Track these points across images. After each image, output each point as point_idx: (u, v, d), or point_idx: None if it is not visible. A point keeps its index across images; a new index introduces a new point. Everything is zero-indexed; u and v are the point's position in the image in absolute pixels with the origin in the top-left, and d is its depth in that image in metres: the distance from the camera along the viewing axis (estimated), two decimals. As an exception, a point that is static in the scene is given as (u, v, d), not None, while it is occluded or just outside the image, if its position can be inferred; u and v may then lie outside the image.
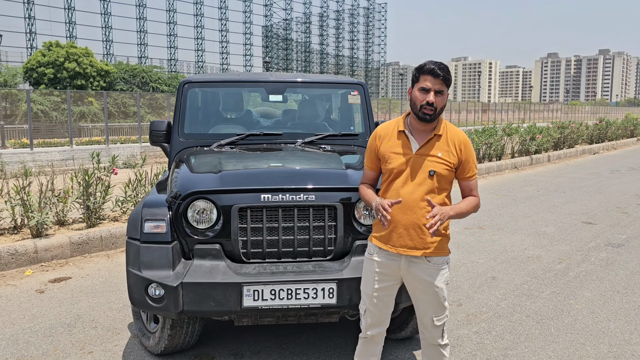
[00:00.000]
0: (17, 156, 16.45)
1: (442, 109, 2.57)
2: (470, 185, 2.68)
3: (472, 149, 2.66)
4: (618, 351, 3.62)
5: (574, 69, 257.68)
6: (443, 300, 2.67)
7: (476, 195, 2.69)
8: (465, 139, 2.64)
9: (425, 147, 2.59)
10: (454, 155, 2.59)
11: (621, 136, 24.43)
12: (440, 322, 2.70)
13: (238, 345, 3.65)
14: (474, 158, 2.69)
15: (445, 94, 2.55)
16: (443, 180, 2.59)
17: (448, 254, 2.67)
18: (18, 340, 3.77)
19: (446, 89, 2.55)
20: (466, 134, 2.70)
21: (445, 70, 2.52)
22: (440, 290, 2.64)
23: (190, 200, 3.08)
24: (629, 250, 6.16)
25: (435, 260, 2.61)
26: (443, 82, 2.52)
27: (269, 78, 4.53)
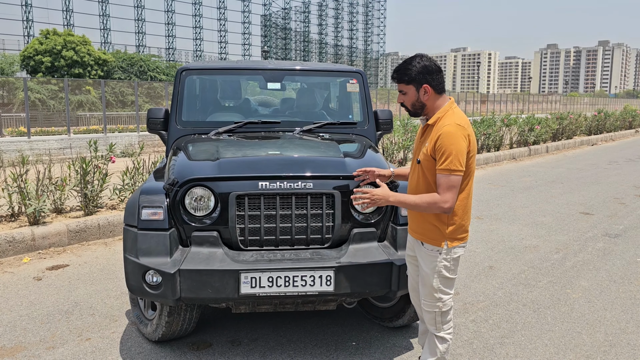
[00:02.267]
0: (15, 144, 16.41)
1: (415, 104, 2.71)
2: (438, 178, 2.57)
3: (447, 141, 2.53)
4: (614, 340, 3.64)
5: (573, 60, 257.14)
6: (430, 288, 2.74)
7: (441, 193, 2.55)
8: (444, 130, 2.56)
9: (423, 137, 2.77)
10: (432, 144, 2.61)
11: (619, 127, 24.43)
12: (428, 308, 2.79)
13: (235, 333, 3.66)
14: (447, 152, 2.52)
15: (407, 91, 2.69)
16: (426, 170, 2.66)
17: (436, 244, 2.68)
18: (16, 327, 3.78)
19: (405, 86, 2.69)
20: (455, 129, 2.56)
21: (398, 70, 2.69)
22: (426, 276, 2.74)
23: (188, 188, 3.08)
24: (625, 240, 6.18)
25: (427, 247, 2.72)
26: (400, 83, 2.70)
27: (267, 66, 4.50)
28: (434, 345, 2.84)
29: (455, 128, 2.55)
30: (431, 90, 2.65)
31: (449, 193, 2.55)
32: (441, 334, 2.81)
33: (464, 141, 2.56)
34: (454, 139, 2.53)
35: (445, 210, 2.57)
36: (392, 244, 3.20)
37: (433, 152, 2.60)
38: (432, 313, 2.79)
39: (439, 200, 2.55)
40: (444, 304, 2.77)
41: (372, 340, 3.59)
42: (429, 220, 2.69)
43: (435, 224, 2.68)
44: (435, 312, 2.78)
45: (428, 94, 2.66)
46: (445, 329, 2.82)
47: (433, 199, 2.57)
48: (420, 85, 2.64)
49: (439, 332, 2.81)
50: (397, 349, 3.47)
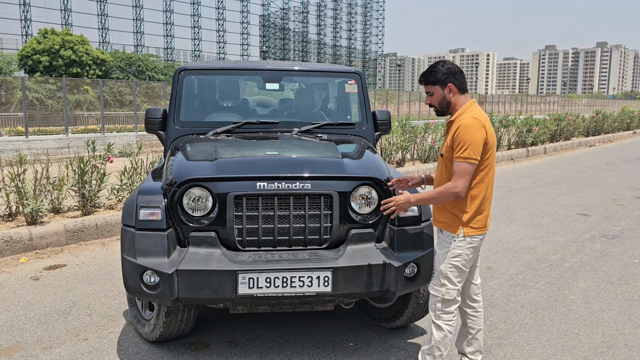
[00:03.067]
0: (12, 144, 16.38)
1: (442, 103, 2.92)
2: (454, 167, 2.78)
3: (464, 132, 2.74)
4: (611, 341, 3.64)
5: (572, 61, 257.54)
6: (439, 272, 2.91)
7: (453, 180, 2.76)
8: (463, 122, 2.77)
9: (447, 133, 2.94)
10: (451, 136, 2.82)
11: (617, 129, 24.48)
12: (433, 291, 2.95)
13: (233, 333, 3.66)
14: (463, 142, 2.73)
15: (434, 92, 2.91)
16: (448, 162, 2.86)
17: (452, 231, 2.86)
18: (13, 326, 3.77)
19: (432, 87, 2.91)
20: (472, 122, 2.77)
21: (425, 74, 2.93)
22: (438, 260, 2.93)
23: (186, 188, 3.07)
24: (623, 241, 6.19)
25: (445, 234, 2.92)
26: (426, 85, 2.93)
27: (265, 66, 4.49)
28: (431, 333, 2.96)
29: (472, 121, 2.77)
30: (455, 88, 2.88)
31: (461, 179, 2.74)
32: (439, 322, 2.92)
33: (479, 133, 2.75)
34: (470, 129, 2.75)
35: (457, 195, 2.75)
36: (390, 244, 3.20)
37: (452, 144, 2.80)
38: (435, 297, 2.93)
39: (450, 187, 2.76)
40: (447, 291, 2.89)
41: (369, 341, 3.59)
42: (448, 209, 2.88)
43: (453, 211, 2.86)
44: (437, 298, 2.92)
45: (453, 92, 2.89)
46: (444, 319, 2.92)
47: (445, 187, 2.78)
48: (445, 84, 2.87)
49: (437, 319, 2.93)
50: (394, 350, 3.47)
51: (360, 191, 3.18)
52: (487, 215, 2.91)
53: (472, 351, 3.15)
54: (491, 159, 2.85)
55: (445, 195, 2.77)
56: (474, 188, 2.83)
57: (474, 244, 2.88)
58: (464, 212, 2.84)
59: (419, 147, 12.29)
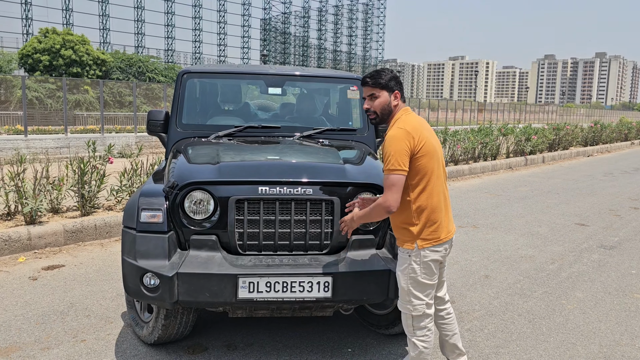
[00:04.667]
0: (11, 142, 16.36)
1: (384, 110, 2.80)
2: (383, 181, 2.71)
3: (387, 143, 2.68)
4: (608, 352, 3.65)
5: (570, 71, 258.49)
6: (402, 290, 2.85)
7: (383, 195, 2.69)
8: (388, 135, 2.71)
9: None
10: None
11: (615, 139, 24.55)
12: (401, 308, 2.89)
13: (231, 337, 3.66)
14: (387, 154, 2.66)
15: (380, 96, 2.79)
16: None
17: (409, 247, 2.78)
18: (10, 327, 3.76)
19: (379, 90, 2.79)
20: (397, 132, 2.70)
21: (374, 75, 2.79)
22: (398, 278, 2.87)
23: (188, 191, 3.08)
24: (621, 252, 6.20)
25: (401, 250, 2.85)
26: (373, 87, 2.79)
27: (268, 71, 4.51)
28: (410, 349, 2.94)
29: (395, 131, 2.70)
30: (399, 96, 2.82)
31: (389, 192, 2.66)
32: (413, 339, 2.88)
33: (403, 142, 2.65)
34: (392, 140, 2.67)
35: (388, 209, 2.67)
36: (390, 251, 3.21)
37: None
38: (405, 315, 2.89)
39: (380, 202, 2.69)
40: (414, 308, 2.83)
41: (367, 347, 3.60)
42: (398, 224, 2.83)
43: (403, 225, 2.80)
44: (407, 315, 2.87)
45: (397, 100, 2.82)
46: (417, 335, 2.86)
47: (376, 202, 2.72)
48: (392, 90, 2.80)
49: (412, 336, 2.89)
50: (392, 357, 3.47)
51: (362, 197, 3.19)
52: (442, 224, 2.79)
53: (454, 356, 3.15)
54: (429, 167, 2.72)
55: (378, 210, 2.69)
56: (418, 199, 2.73)
57: (431, 256, 2.78)
58: (413, 225, 2.76)
59: (418, 154, 12.28)
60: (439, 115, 41.01)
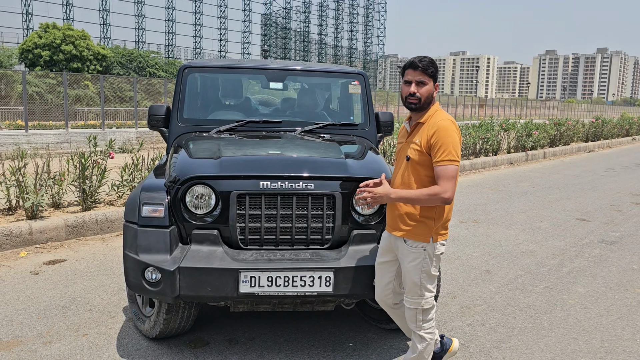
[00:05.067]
0: (12, 137, 16.35)
1: (428, 98, 2.75)
2: (436, 171, 2.66)
3: (444, 134, 2.65)
4: (610, 346, 3.66)
5: (572, 66, 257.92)
6: (413, 284, 2.80)
7: (441, 184, 2.63)
8: (439, 124, 2.68)
9: (411, 135, 2.83)
10: (425, 139, 2.71)
11: (617, 135, 24.51)
12: (410, 304, 2.84)
13: (233, 332, 3.66)
14: (445, 145, 2.63)
15: (428, 84, 2.74)
16: (418, 165, 2.74)
17: (425, 240, 2.75)
18: (12, 321, 3.77)
19: (428, 78, 2.73)
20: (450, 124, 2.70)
21: (425, 61, 2.72)
22: (408, 273, 2.80)
23: (189, 185, 3.07)
24: (622, 247, 6.20)
25: (410, 243, 2.77)
26: (423, 73, 2.72)
27: (269, 65, 4.50)
28: (414, 344, 2.93)
29: (450, 123, 2.70)
30: (437, 89, 2.82)
31: (450, 183, 2.63)
32: (421, 332, 2.88)
33: (456, 135, 2.69)
34: (450, 132, 2.67)
35: (446, 200, 2.64)
36: (391, 246, 3.20)
37: (427, 148, 2.69)
38: (413, 310, 2.84)
39: (439, 191, 2.63)
40: (426, 301, 2.83)
41: (369, 341, 3.60)
42: (417, 216, 2.75)
43: (423, 219, 2.74)
44: (416, 310, 2.84)
45: (436, 92, 2.80)
46: (425, 328, 2.87)
47: (434, 190, 2.64)
48: (436, 81, 2.79)
49: (419, 330, 2.87)
50: (394, 351, 3.47)
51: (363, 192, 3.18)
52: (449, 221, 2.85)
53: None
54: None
55: (433, 198, 2.63)
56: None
57: (441, 250, 2.80)
58: (433, 219, 2.74)
59: (419, 149, 12.27)
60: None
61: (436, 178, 2.66)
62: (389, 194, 2.73)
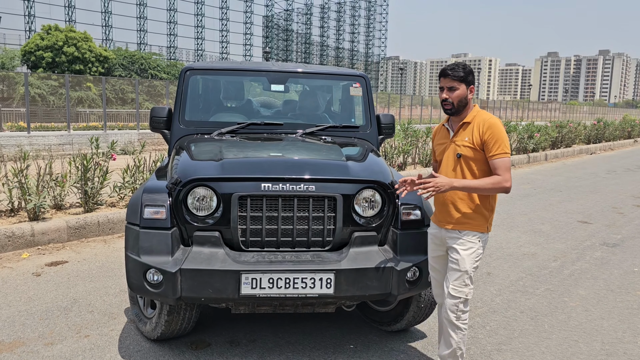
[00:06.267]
0: (14, 139, 16.38)
1: (461, 102, 2.92)
2: (494, 164, 2.83)
3: (497, 130, 2.84)
4: (611, 349, 3.65)
5: (574, 68, 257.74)
6: (464, 273, 2.90)
7: (502, 174, 2.80)
8: (491, 122, 2.87)
9: (456, 135, 2.98)
10: (477, 136, 2.88)
11: (618, 137, 24.50)
12: (456, 293, 2.92)
13: (234, 333, 3.67)
14: (500, 140, 2.82)
15: (458, 89, 2.90)
16: (471, 161, 2.90)
17: (483, 231, 2.92)
18: (14, 322, 3.78)
19: (458, 83, 2.90)
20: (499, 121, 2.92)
21: (455, 68, 2.91)
22: (462, 261, 2.90)
23: (191, 187, 3.08)
24: (623, 250, 6.20)
25: (467, 234, 2.92)
26: (452, 79, 2.89)
27: (271, 67, 4.51)
28: (449, 337, 2.99)
29: (498, 120, 2.92)
30: (473, 92, 2.96)
31: (508, 173, 2.82)
32: (458, 322, 2.96)
33: (505, 132, 2.90)
34: (501, 127, 2.88)
35: (507, 189, 2.82)
36: (392, 248, 3.21)
37: (480, 144, 2.86)
38: (457, 299, 2.93)
39: (502, 180, 2.80)
40: (470, 291, 2.95)
41: (370, 343, 3.60)
42: (477, 208, 2.91)
43: (480, 210, 2.91)
44: (460, 299, 2.93)
45: (471, 95, 2.95)
46: (462, 318, 2.97)
47: (497, 179, 2.81)
48: (469, 84, 2.93)
49: (457, 320, 2.96)
50: (394, 353, 3.48)
51: (364, 194, 3.19)
52: None
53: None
54: None
55: (496, 187, 2.81)
56: None
57: (488, 241, 3.00)
58: (489, 210, 2.94)
59: (421, 151, 12.31)
60: (441, 112, 40.89)
61: (494, 169, 2.84)
62: (452, 182, 2.83)
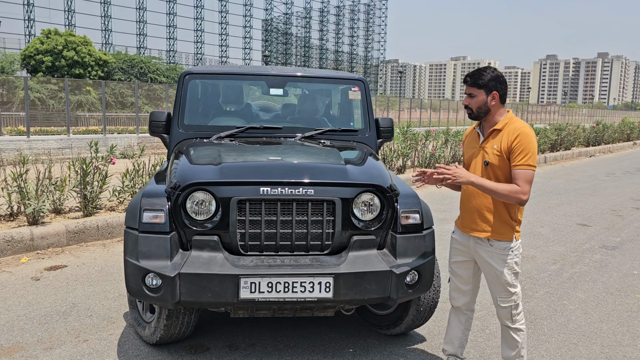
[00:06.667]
0: (14, 143, 16.40)
1: (480, 108, 2.90)
2: (515, 173, 2.79)
3: (526, 141, 2.78)
4: (610, 352, 3.65)
5: (573, 71, 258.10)
6: (505, 284, 2.92)
7: (521, 185, 2.76)
8: (523, 131, 2.81)
9: (485, 141, 2.95)
10: (506, 144, 2.84)
11: (617, 139, 24.53)
12: (505, 303, 2.97)
13: (233, 337, 3.67)
14: (527, 150, 2.77)
15: (477, 96, 2.90)
16: (497, 170, 2.87)
17: (510, 240, 2.90)
18: (13, 326, 3.78)
19: (477, 90, 2.89)
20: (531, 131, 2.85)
21: (473, 75, 2.91)
22: (500, 274, 2.91)
23: (190, 192, 3.08)
24: (622, 252, 6.20)
25: (496, 245, 2.91)
26: (471, 86, 2.91)
27: (270, 71, 4.52)
28: (512, 339, 3.03)
29: (530, 130, 2.85)
30: (498, 97, 2.89)
31: (528, 186, 2.78)
32: (516, 325, 3.01)
33: (536, 142, 2.84)
34: (531, 138, 2.81)
35: (522, 202, 2.78)
36: (391, 252, 3.21)
37: (507, 152, 2.83)
38: (507, 307, 2.97)
39: (519, 191, 2.76)
40: (517, 295, 2.97)
41: (369, 347, 3.60)
42: (502, 218, 2.89)
43: (508, 220, 2.90)
44: (510, 306, 2.97)
45: (495, 101, 2.89)
46: (519, 321, 3.01)
47: (514, 188, 2.77)
48: (490, 91, 2.88)
49: (515, 324, 3.00)
50: (394, 357, 3.47)
51: (363, 198, 3.20)
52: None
53: (462, 351, 3.29)
54: None
55: (512, 195, 2.76)
56: None
57: (521, 247, 2.99)
58: (516, 220, 2.93)
59: (420, 154, 12.32)
60: (440, 115, 41.00)
61: (514, 179, 2.79)
62: (469, 176, 2.82)
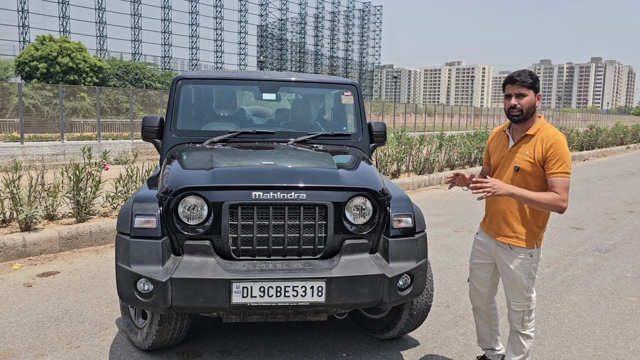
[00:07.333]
0: (8, 150, 16.33)
1: (530, 109, 2.86)
2: (553, 181, 2.78)
3: (561, 149, 2.78)
4: (603, 355, 3.66)
5: (566, 76, 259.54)
6: (522, 289, 2.96)
7: (560, 193, 2.75)
8: (555, 138, 2.81)
9: (516, 146, 2.93)
10: (540, 152, 2.83)
11: (611, 143, 24.65)
12: (518, 308, 3.00)
13: (226, 342, 3.65)
14: (563, 158, 2.77)
15: (528, 95, 2.84)
16: (529, 176, 2.86)
17: (531, 247, 2.91)
18: (4, 333, 3.75)
19: (527, 89, 2.84)
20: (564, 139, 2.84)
21: (523, 74, 2.85)
22: (518, 278, 2.95)
23: (182, 196, 3.08)
24: (616, 256, 6.22)
25: (517, 249, 2.94)
26: (521, 85, 2.84)
27: (263, 76, 4.52)
28: (519, 344, 3.06)
29: (563, 138, 2.84)
30: (540, 99, 2.90)
31: (567, 193, 2.77)
32: (526, 331, 3.04)
33: (569, 150, 2.87)
34: (565, 146, 2.82)
35: (562, 209, 2.77)
36: (383, 255, 3.21)
37: (541, 160, 2.82)
38: (520, 312, 3.01)
39: (559, 199, 2.76)
40: (532, 302, 3.00)
41: (362, 351, 3.59)
42: (527, 224, 2.90)
43: (532, 227, 2.91)
44: (523, 312, 3.00)
45: (538, 103, 2.89)
46: (529, 327, 3.05)
47: (554, 197, 2.76)
48: (537, 92, 2.88)
49: (525, 330, 3.03)
50: (387, 361, 3.47)
51: (355, 202, 3.20)
52: None
53: (500, 347, 3.35)
54: None
55: (552, 205, 2.75)
56: None
57: (542, 254, 3.00)
58: (540, 227, 2.93)
59: (414, 159, 12.34)
60: (435, 120, 41.12)
61: (551, 187, 2.78)
62: (509, 188, 2.77)
